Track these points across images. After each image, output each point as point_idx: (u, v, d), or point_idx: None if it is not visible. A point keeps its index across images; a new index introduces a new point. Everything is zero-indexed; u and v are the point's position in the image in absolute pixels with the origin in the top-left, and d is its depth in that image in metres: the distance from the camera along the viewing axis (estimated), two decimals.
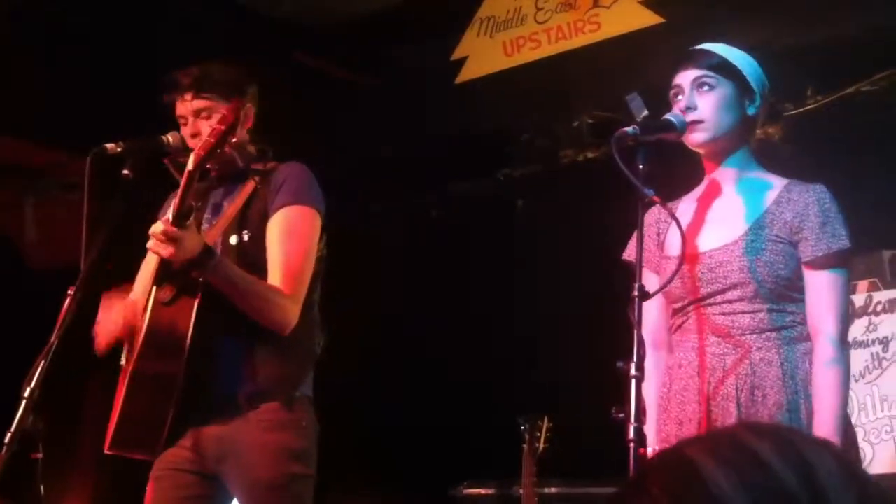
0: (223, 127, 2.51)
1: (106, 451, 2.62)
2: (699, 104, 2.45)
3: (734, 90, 2.47)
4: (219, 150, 2.55)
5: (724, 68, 2.47)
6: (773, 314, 2.39)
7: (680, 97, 2.47)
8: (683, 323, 2.49)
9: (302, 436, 2.65)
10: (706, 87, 2.46)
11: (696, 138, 2.46)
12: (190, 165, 2.51)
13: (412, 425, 4.80)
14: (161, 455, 2.65)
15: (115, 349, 2.72)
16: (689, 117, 2.44)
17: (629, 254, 2.59)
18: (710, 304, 2.43)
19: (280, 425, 2.61)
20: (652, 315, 2.53)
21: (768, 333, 2.39)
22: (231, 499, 2.73)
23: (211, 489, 2.66)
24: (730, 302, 2.41)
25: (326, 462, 2.76)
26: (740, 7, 3.94)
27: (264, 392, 2.62)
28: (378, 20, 4.77)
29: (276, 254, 2.64)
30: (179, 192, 2.51)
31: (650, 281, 2.48)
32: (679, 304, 2.49)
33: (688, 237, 2.44)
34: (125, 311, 2.65)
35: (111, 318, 2.67)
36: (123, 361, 2.69)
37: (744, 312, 2.40)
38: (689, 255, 2.44)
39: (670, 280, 2.38)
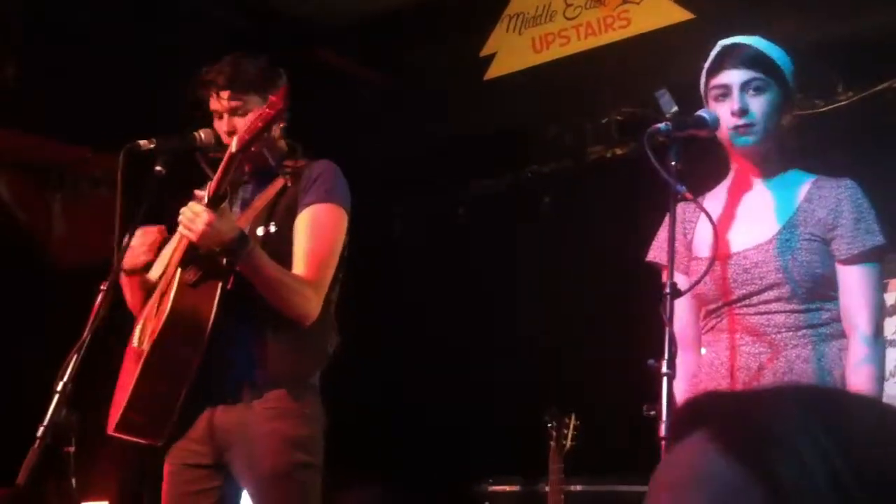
0: (272, 112, 2.50)
1: (109, 433, 2.62)
2: (752, 107, 2.40)
3: (780, 92, 2.43)
4: (265, 134, 2.55)
5: (771, 70, 2.42)
6: (810, 313, 2.37)
7: (724, 97, 2.42)
8: (717, 324, 2.46)
9: (306, 424, 2.65)
10: (756, 91, 2.40)
11: (745, 142, 2.41)
12: (233, 148, 2.52)
13: (438, 421, 4.80)
14: (173, 449, 2.66)
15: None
16: (743, 121, 2.39)
17: (654, 255, 2.56)
18: (746, 305, 2.40)
19: (284, 414, 2.62)
20: (680, 316, 2.49)
21: (804, 331, 2.36)
22: (242, 489, 2.74)
23: (220, 479, 2.68)
24: (766, 302, 2.38)
25: (350, 457, 2.76)
26: (770, 2, 3.91)
27: (272, 381, 2.63)
28: (402, 17, 4.76)
29: (302, 246, 2.65)
30: (218, 174, 2.53)
31: (678, 282, 2.45)
32: (713, 306, 2.46)
33: (719, 236, 2.40)
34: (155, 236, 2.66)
35: (143, 242, 2.66)
36: (136, 343, 2.69)
37: (780, 312, 2.37)
38: (720, 255, 2.41)
39: (702, 277, 2.35)
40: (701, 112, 2.41)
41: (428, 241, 5.21)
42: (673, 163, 2.29)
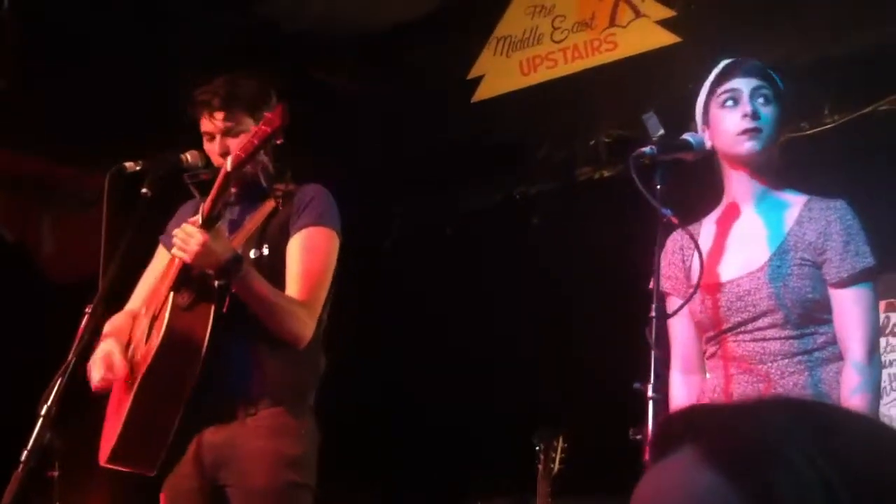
0: (269, 130, 2.47)
1: (103, 464, 2.60)
2: (762, 113, 2.41)
3: (781, 108, 2.45)
4: (261, 153, 2.53)
5: (775, 86, 2.46)
6: (805, 338, 2.37)
7: (733, 104, 2.43)
8: (716, 351, 2.47)
9: (300, 443, 2.64)
10: (765, 99, 2.43)
11: (751, 146, 2.41)
12: (229, 166, 2.50)
13: (426, 440, 4.79)
14: (170, 480, 2.64)
15: None
16: (752, 124, 2.39)
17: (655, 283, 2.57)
18: (741, 333, 2.41)
19: (282, 432, 2.61)
20: (683, 341, 2.52)
21: (799, 357, 2.37)
22: None
23: (220, 498, 2.65)
24: (760, 329, 2.39)
25: (350, 457, 2.73)
26: (756, 26, 3.93)
27: (270, 399, 2.62)
28: (392, 34, 4.77)
29: (295, 268, 2.65)
30: (212, 194, 2.51)
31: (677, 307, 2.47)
32: (710, 334, 2.47)
33: (710, 263, 2.42)
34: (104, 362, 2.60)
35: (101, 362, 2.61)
36: None
37: (774, 339, 2.38)
38: (713, 284, 2.42)
39: (684, 304, 2.37)
40: (686, 136, 2.43)
41: (416, 258, 5.21)
42: (658, 186, 2.30)
